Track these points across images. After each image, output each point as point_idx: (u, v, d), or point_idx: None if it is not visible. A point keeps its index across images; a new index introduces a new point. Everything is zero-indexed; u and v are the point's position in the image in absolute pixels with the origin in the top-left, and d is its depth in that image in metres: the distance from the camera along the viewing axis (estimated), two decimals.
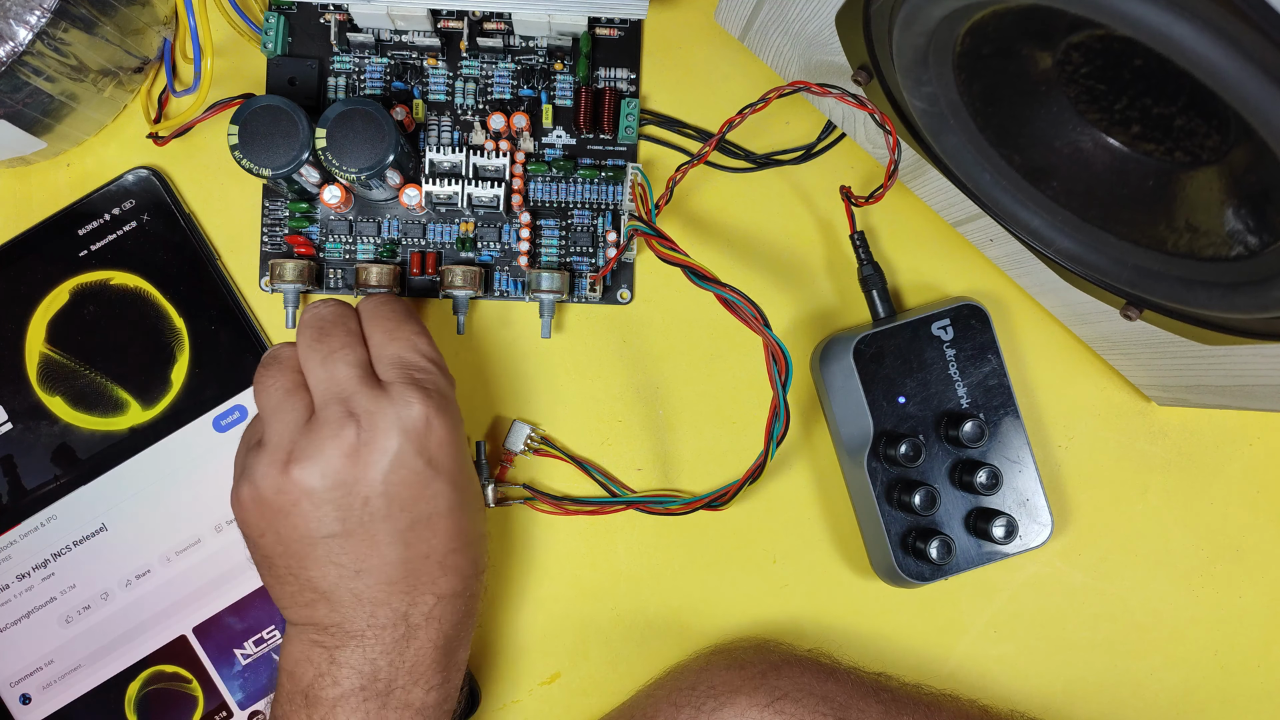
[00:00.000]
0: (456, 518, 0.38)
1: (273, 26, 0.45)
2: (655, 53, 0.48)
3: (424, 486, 0.37)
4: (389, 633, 0.37)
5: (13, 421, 0.45)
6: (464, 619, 0.39)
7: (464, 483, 0.38)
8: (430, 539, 0.37)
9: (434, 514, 0.37)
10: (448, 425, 0.37)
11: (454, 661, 0.39)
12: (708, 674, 0.43)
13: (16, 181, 0.47)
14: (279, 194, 0.47)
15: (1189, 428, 0.48)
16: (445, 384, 0.39)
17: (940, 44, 0.33)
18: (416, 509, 0.37)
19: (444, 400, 0.38)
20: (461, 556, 0.38)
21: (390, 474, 0.36)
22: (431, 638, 0.38)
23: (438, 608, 0.38)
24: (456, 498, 0.38)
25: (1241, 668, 0.48)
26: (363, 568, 0.36)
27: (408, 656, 0.37)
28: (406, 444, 0.36)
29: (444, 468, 0.37)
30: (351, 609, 0.37)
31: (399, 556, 0.37)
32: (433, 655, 0.38)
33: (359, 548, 0.36)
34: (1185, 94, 0.31)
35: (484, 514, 0.40)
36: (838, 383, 0.45)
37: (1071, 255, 0.38)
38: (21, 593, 0.45)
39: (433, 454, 0.37)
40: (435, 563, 0.37)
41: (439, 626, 0.38)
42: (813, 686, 0.41)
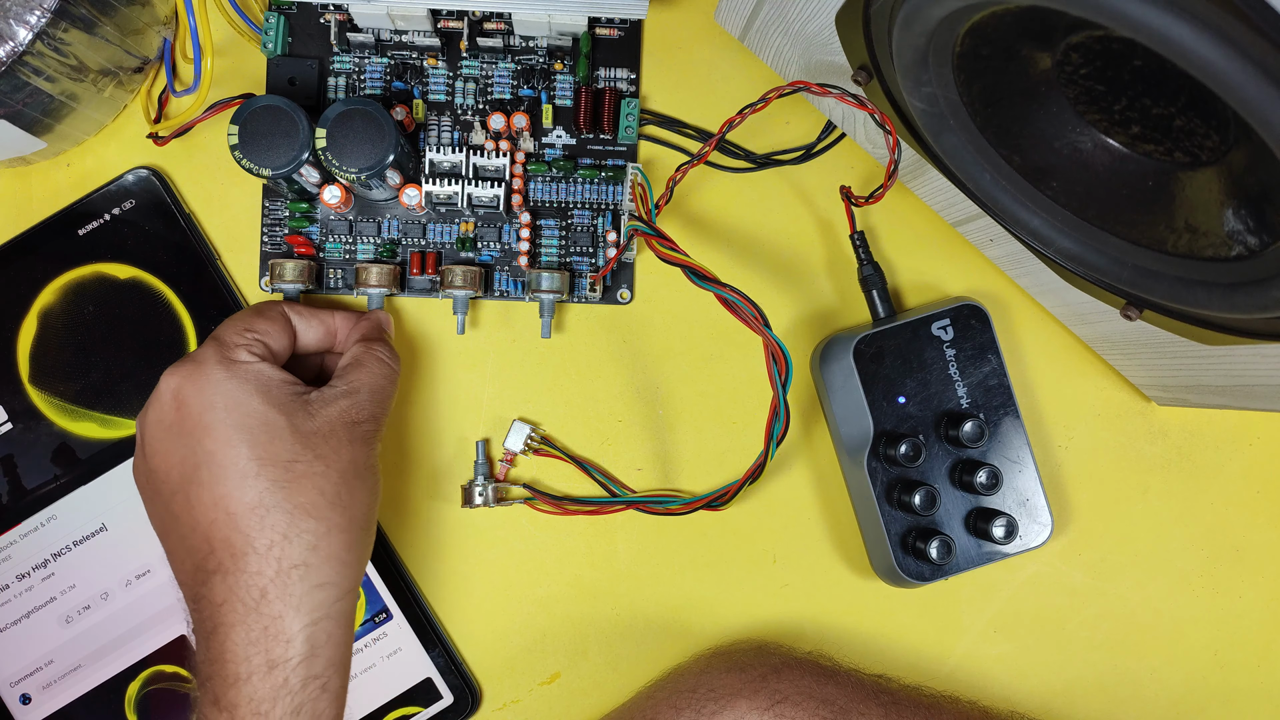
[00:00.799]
0: (215, 484, 0.35)
1: (273, 26, 0.45)
2: (655, 53, 0.48)
3: (170, 454, 0.37)
4: (196, 618, 0.36)
5: (13, 421, 0.45)
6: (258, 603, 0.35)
7: (216, 447, 0.36)
8: (192, 509, 0.36)
9: (187, 481, 0.36)
10: (195, 389, 0.37)
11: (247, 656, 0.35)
12: (708, 677, 0.43)
13: (16, 181, 0.47)
14: (279, 194, 0.47)
15: (1189, 428, 0.48)
16: (207, 351, 0.38)
17: (940, 44, 0.33)
18: (170, 476, 0.37)
19: (194, 366, 0.38)
20: (228, 529, 0.35)
21: (147, 446, 0.38)
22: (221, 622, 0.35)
23: (221, 590, 0.35)
24: (208, 462, 0.36)
25: (1241, 668, 0.48)
26: (165, 549, 0.38)
27: (213, 649, 0.35)
28: (156, 416, 0.37)
29: (190, 430, 0.36)
30: (182, 592, 0.38)
31: (177, 531, 0.37)
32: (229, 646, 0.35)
33: (158, 526, 0.38)
34: (1185, 94, 0.31)
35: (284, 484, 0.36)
36: (838, 383, 0.45)
37: (1071, 255, 0.38)
38: (21, 593, 0.45)
39: (182, 422, 0.37)
40: (201, 536, 0.36)
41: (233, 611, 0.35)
42: (813, 689, 0.41)
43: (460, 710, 0.46)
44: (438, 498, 0.47)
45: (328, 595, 0.35)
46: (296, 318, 0.42)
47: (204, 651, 0.35)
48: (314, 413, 0.38)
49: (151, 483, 0.38)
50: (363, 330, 0.43)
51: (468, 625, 0.47)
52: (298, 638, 0.34)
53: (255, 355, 0.39)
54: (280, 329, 0.41)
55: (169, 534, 0.38)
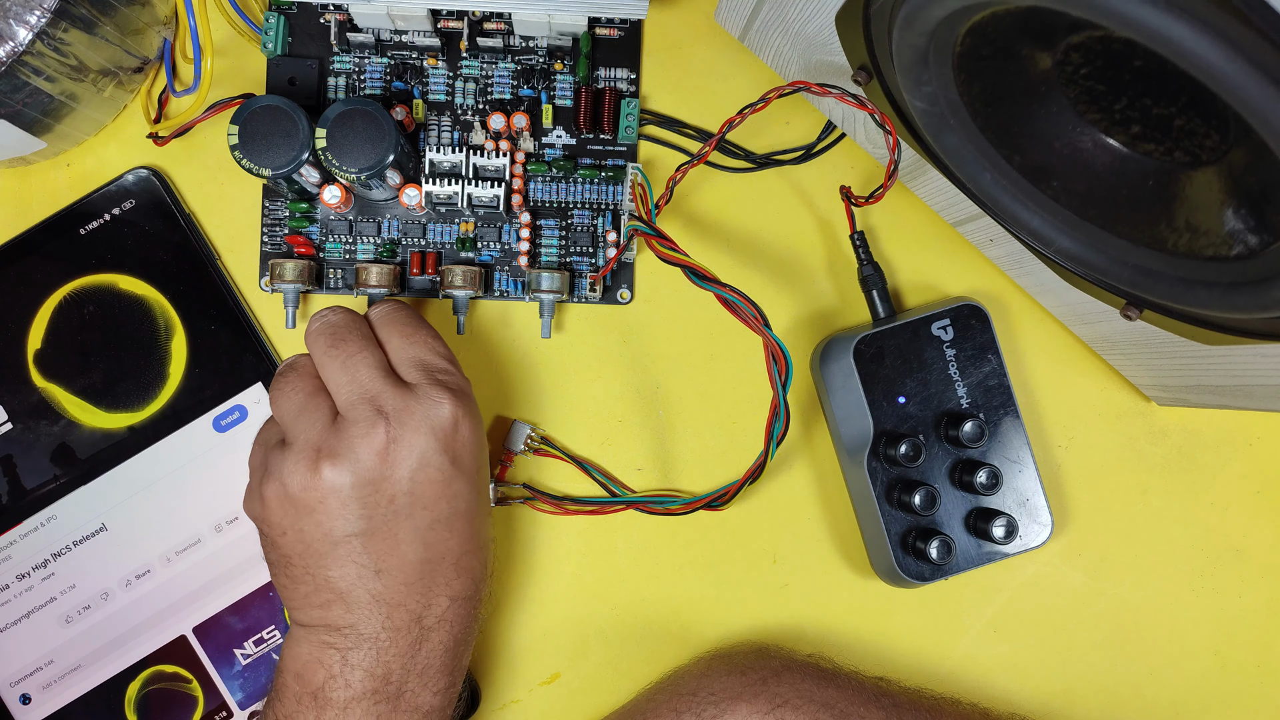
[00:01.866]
0: (473, 519, 0.38)
1: (273, 26, 0.45)
2: (655, 53, 0.48)
3: (447, 486, 0.37)
4: (403, 635, 0.37)
5: (13, 421, 0.45)
6: (472, 622, 0.39)
7: (482, 485, 0.39)
8: (448, 540, 0.37)
9: (454, 514, 0.37)
10: (473, 426, 0.38)
11: (459, 665, 0.39)
12: (708, 680, 0.43)
13: (16, 181, 0.47)
14: (279, 194, 0.47)
15: (1189, 428, 0.48)
16: (466, 384, 0.39)
17: (940, 44, 0.33)
18: (438, 509, 0.37)
19: (469, 401, 0.38)
20: (475, 559, 0.38)
21: (417, 472, 0.36)
22: (443, 640, 0.38)
23: (450, 610, 0.38)
24: (474, 498, 0.38)
25: (1241, 668, 0.48)
26: (382, 567, 0.36)
27: (419, 659, 0.37)
28: (434, 443, 0.36)
29: (467, 468, 0.37)
30: (368, 610, 0.36)
31: (418, 557, 0.37)
32: (442, 658, 0.38)
33: (380, 547, 0.36)
34: (1185, 94, 0.31)
35: (492, 517, 0.41)
36: (838, 383, 0.45)
37: (1071, 255, 0.38)
38: (21, 593, 0.45)
39: (458, 453, 0.37)
40: (450, 564, 0.38)
41: (450, 629, 0.38)
42: (813, 693, 0.41)
43: (460, 710, 0.46)
44: None
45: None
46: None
47: (406, 662, 0.37)
48: None
49: (402, 504, 0.36)
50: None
51: None
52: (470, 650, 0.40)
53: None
54: None
55: (400, 555, 0.36)
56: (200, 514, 0.46)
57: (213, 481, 0.46)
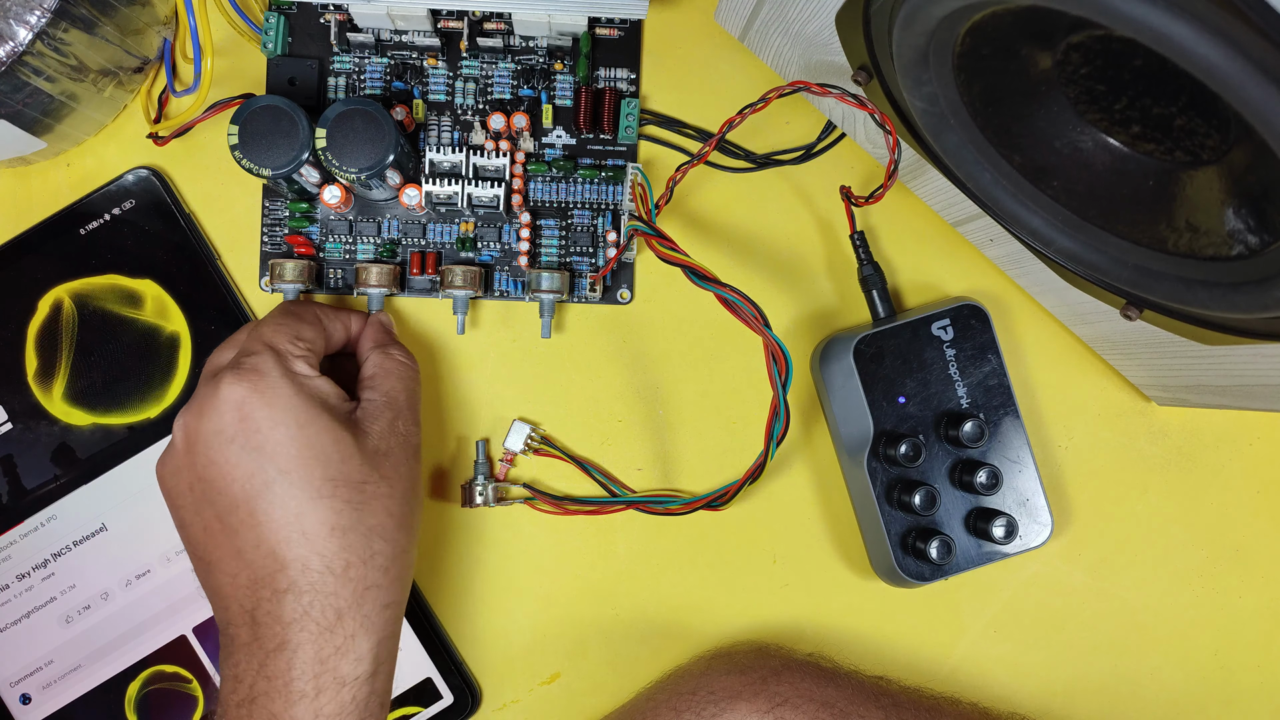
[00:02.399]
0: (283, 502, 0.35)
1: (273, 26, 0.45)
2: (655, 53, 0.48)
3: (234, 468, 0.35)
4: (244, 633, 0.35)
5: (13, 421, 0.45)
6: (333, 623, 0.35)
7: (289, 464, 0.35)
8: (256, 527, 0.35)
9: (251, 495, 0.35)
10: (262, 402, 0.36)
11: (331, 670, 0.35)
12: (708, 679, 0.43)
13: (16, 181, 0.47)
14: (279, 194, 0.47)
15: (1189, 428, 0.48)
16: (269, 363, 0.37)
17: (940, 44, 0.33)
18: (231, 491, 0.35)
19: (258, 377, 0.36)
20: (303, 548, 0.35)
21: (202, 456, 0.36)
22: (289, 641, 0.34)
23: (285, 606, 0.34)
24: (280, 479, 0.35)
25: (1241, 668, 0.48)
26: (209, 559, 0.36)
27: (269, 666, 0.34)
28: (213, 426, 0.35)
29: (259, 446, 0.35)
30: (217, 608, 0.36)
31: (231, 546, 0.35)
32: (298, 666, 0.34)
33: (199, 536, 0.36)
34: (1185, 94, 0.31)
35: (353, 505, 0.36)
36: (838, 383, 0.45)
37: (1071, 255, 0.38)
38: (21, 593, 0.45)
39: (247, 436, 0.35)
40: (266, 552, 0.35)
41: (301, 629, 0.34)
42: (813, 692, 0.41)
43: (460, 710, 0.46)
44: (438, 497, 0.47)
45: (392, 614, 0.36)
46: (325, 320, 0.42)
47: (257, 667, 0.34)
48: (369, 430, 0.37)
49: (200, 492, 0.36)
50: (374, 336, 0.43)
51: (468, 625, 0.47)
52: (366, 656, 0.35)
53: (311, 368, 0.38)
54: (321, 335, 0.40)
55: (218, 546, 0.36)
56: None
57: None
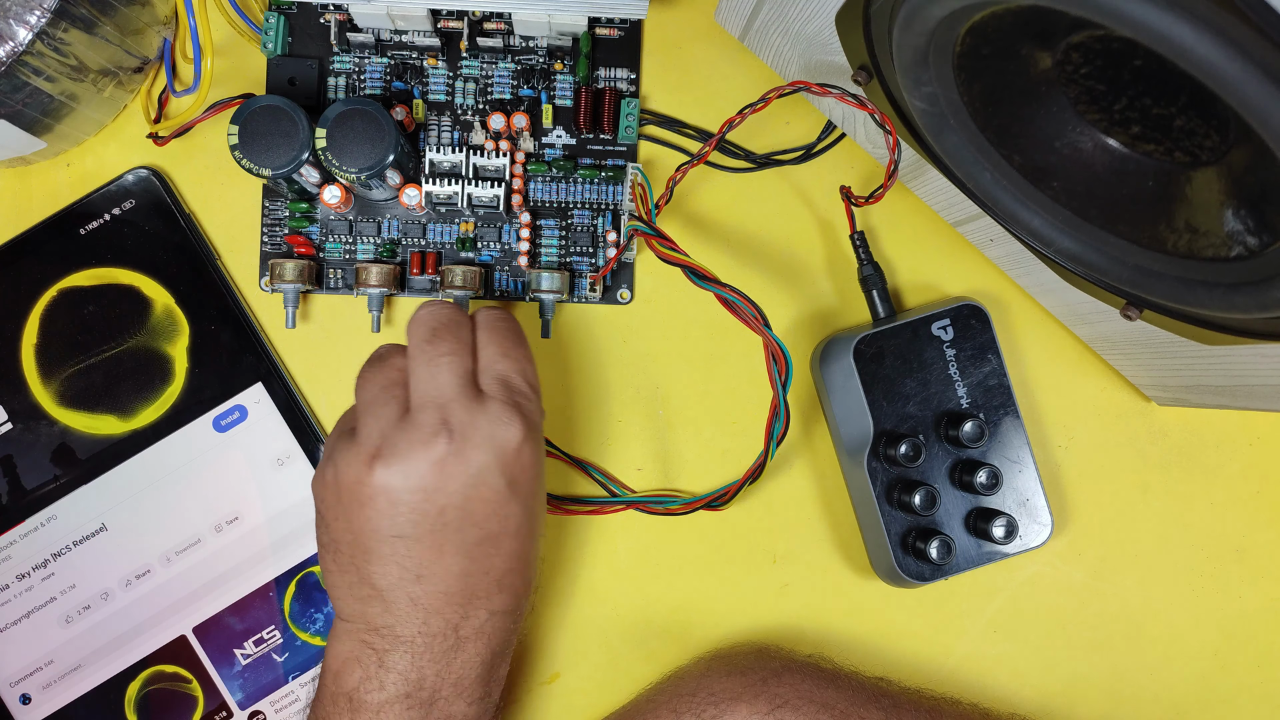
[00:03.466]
0: (522, 540, 0.38)
1: (273, 26, 0.45)
2: (655, 53, 0.48)
3: (500, 506, 0.37)
4: (439, 642, 0.37)
5: (12, 421, 0.45)
6: (510, 636, 0.39)
7: (536, 509, 0.39)
8: (494, 557, 0.37)
9: (503, 533, 0.37)
10: (534, 453, 0.38)
11: (496, 676, 0.39)
12: (708, 680, 0.43)
13: (16, 181, 0.47)
14: (279, 194, 0.47)
15: (1189, 428, 0.48)
16: (540, 414, 0.39)
17: (940, 44, 0.33)
18: (488, 526, 0.37)
19: (537, 430, 0.38)
20: (518, 577, 0.38)
21: (471, 489, 0.36)
22: (479, 651, 0.38)
23: (489, 623, 0.38)
24: (526, 522, 0.38)
25: (1241, 668, 0.48)
26: (424, 574, 0.36)
27: (454, 668, 0.37)
28: (493, 462, 0.36)
29: (522, 491, 0.37)
30: (405, 613, 0.36)
31: (461, 569, 0.37)
32: (478, 669, 0.38)
33: (424, 554, 0.36)
34: (1185, 94, 0.31)
35: (543, 538, 0.41)
36: (838, 383, 0.45)
37: (1071, 255, 0.38)
38: (21, 593, 0.45)
39: (515, 476, 0.37)
40: (494, 580, 0.37)
41: (487, 641, 0.38)
42: (813, 694, 0.41)
43: None
44: None
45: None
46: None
47: (440, 673, 0.37)
48: None
49: (452, 517, 0.36)
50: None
51: None
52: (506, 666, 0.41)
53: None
54: None
55: (444, 566, 0.36)
56: (200, 514, 0.46)
57: (213, 481, 0.46)
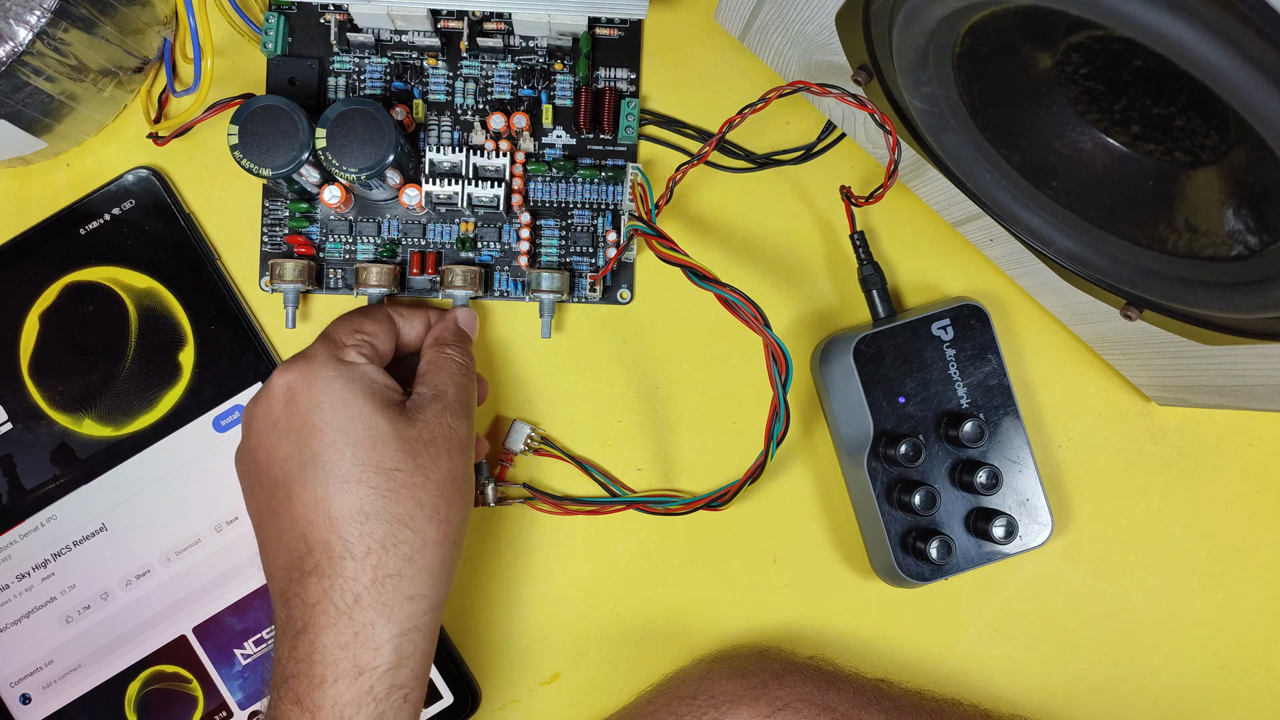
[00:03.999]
0: (313, 487, 0.35)
1: (273, 26, 0.45)
2: (655, 53, 0.48)
3: (274, 450, 0.37)
4: (281, 616, 0.36)
5: (12, 421, 0.45)
6: (351, 607, 0.35)
7: (319, 446, 0.36)
8: (290, 508, 0.36)
9: (286, 479, 0.36)
10: (307, 386, 0.37)
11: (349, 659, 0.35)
12: (708, 683, 0.43)
13: (16, 181, 0.47)
14: (279, 194, 0.47)
15: (1189, 428, 0.48)
16: (321, 348, 0.38)
17: (940, 44, 0.33)
18: (271, 473, 0.36)
19: (306, 362, 0.38)
20: (326, 531, 0.35)
21: (253, 439, 0.37)
22: (312, 624, 0.35)
23: (316, 591, 0.35)
24: (309, 460, 0.36)
25: (1241, 668, 0.48)
26: (260, 541, 0.37)
27: (300, 648, 0.35)
28: (265, 409, 0.37)
29: (295, 429, 0.36)
30: (269, 590, 0.37)
31: (274, 529, 0.37)
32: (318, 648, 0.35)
33: (255, 518, 0.38)
34: (1185, 94, 0.31)
35: (381, 491, 0.36)
36: (838, 383, 0.45)
37: (1071, 255, 0.38)
38: (21, 593, 0.45)
39: (289, 420, 0.36)
40: (299, 535, 0.35)
41: (325, 612, 0.35)
42: (814, 696, 0.41)
43: (460, 710, 0.46)
44: None
45: (418, 607, 0.36)
46: (399, 319, 0.43)
47: (289, 649, 0.35)
48: (413, 419, 0.38)
49: (253, 475, 0.38)
50: (437, 332, 0.43)
51: (468, 625, 0.47)
52: (386, 646, 0.35)
53: (364, 356, 0.39)
54: (386, 330, 0.41)
55: (265, 527, 0.37)
56: (200, 514, 0.46)
57: (213, 481, 0.46)
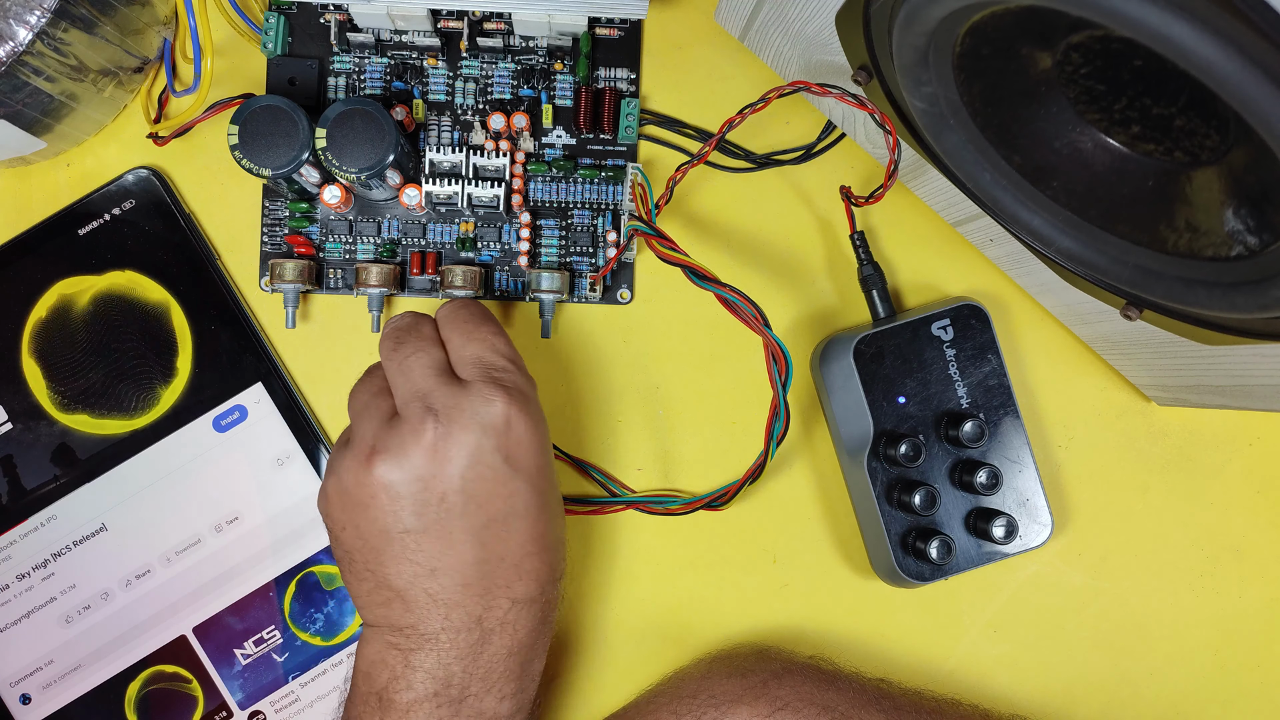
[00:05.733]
0: (534, 520, 0.37)
1: (273, 26, 0.45)
2: (655, 53, 0.48)
3: (501, 485, 0.36)
4: (463, 636, 0.36)
5: (13, 421, 0.45)
6: (539, 626, 0.38)
7: (544, 485, 0.38)
8: (506, 540, 0.37)
9: (510, 514, 0.37)
10: (528, 424, 0.37)
11: (529, 671, 0.39)
12: (708, 682, 0.43)
13: (16, 181, 0.47)
14: (279, 194, 0.47)
15: (1189, 428, 0.48)
16: (525, 383, 0.38)
17: (940, 44, 0.33)
18: (493, 508, 0.36)
19: (525, 399, 0.37)
20: (538, 560, 0.38)
21: (468, 470, 0.36)
22: (506, 644, 0.37)
23: (512, 613, 0.37)
24: (535, 499, 0.37)
25: (1241, 668, 0.48)
26: (437, 566, 0.36)
27: (481, 663, 0.37)
28: (485, 440, 0.36)
29: (523, 467, 0.37)
30: (426, 610, 0.36)
31: (474, 557, 0.36)
32: (506, 662, 0.37)
33: (434, 545, 0.36)
34: (1185, 94, 0.31)
35: (563, 519, 0.40)
36: (838, 383, 0.45)
37: (1071, 255, 0.38)
38: (21, 593, 0.45)
39: (511, 452, 0.36)
40: (511, 565, 0.37)
41: (513, 633, 0.37)
42: (814, 696, 0.41)
43: None
44: None
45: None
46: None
47: (468, 668, 0.37)
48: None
49: (453, 503, 0.36)
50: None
51: None
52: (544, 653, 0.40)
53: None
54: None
55: (458, 555, 0.36)
56: (200, 514, 0.46)
57: (213, 481, 0.46)
